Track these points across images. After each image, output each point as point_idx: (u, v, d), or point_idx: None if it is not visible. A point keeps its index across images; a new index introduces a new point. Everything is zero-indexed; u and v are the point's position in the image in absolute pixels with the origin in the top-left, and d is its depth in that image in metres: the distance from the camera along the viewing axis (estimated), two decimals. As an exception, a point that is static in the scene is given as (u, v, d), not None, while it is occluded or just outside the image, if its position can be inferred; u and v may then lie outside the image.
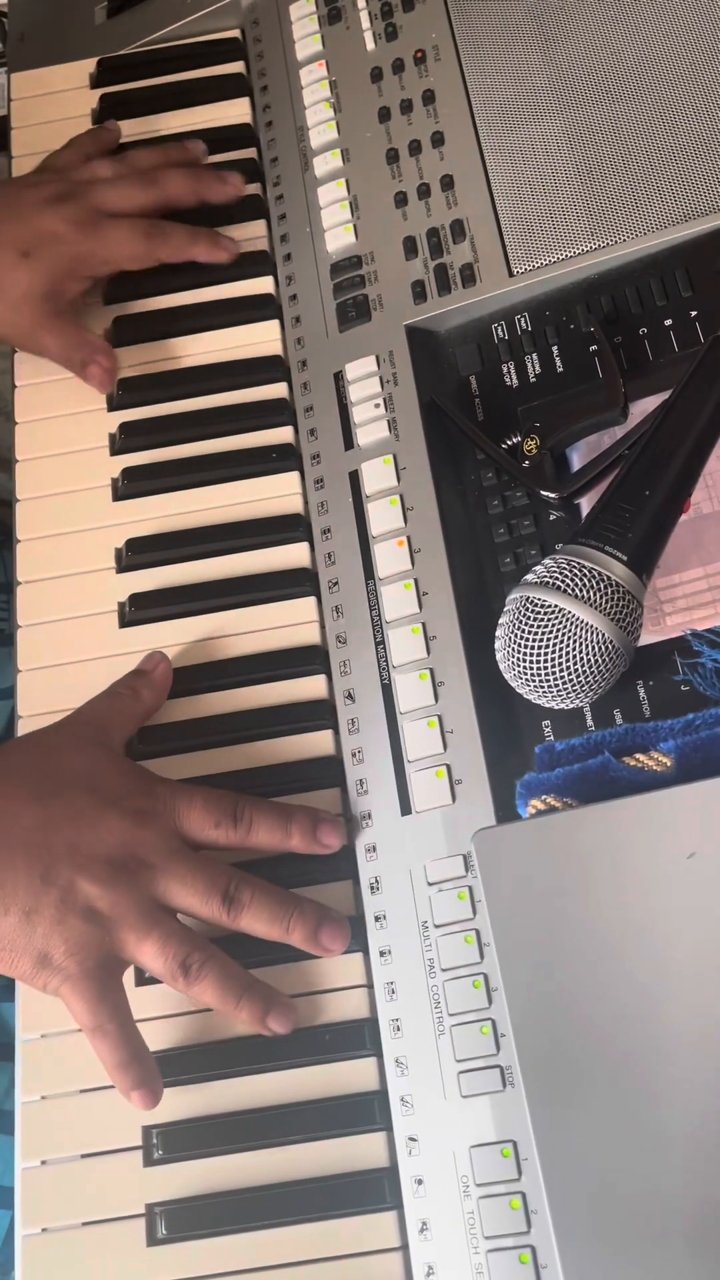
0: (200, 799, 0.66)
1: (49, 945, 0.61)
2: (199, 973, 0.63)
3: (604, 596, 0.62)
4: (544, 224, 0.78)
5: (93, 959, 0.62)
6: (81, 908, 0.62)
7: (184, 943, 0.63)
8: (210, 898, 0.64)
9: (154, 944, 0.62)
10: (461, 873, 0.65)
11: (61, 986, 0.62)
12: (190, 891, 0.64)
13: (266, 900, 0.64)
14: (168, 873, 0.63)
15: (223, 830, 0.65)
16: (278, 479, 0.79)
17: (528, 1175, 0.59)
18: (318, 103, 0.89)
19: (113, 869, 0.63)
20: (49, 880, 0.62)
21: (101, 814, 0.64)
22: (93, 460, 0.82)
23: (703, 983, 0.54)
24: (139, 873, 0.63)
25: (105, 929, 0.62)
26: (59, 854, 0.62)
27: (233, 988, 0.63)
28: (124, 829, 0.64)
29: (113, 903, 0.62)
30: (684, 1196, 0.52)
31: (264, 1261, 0.62)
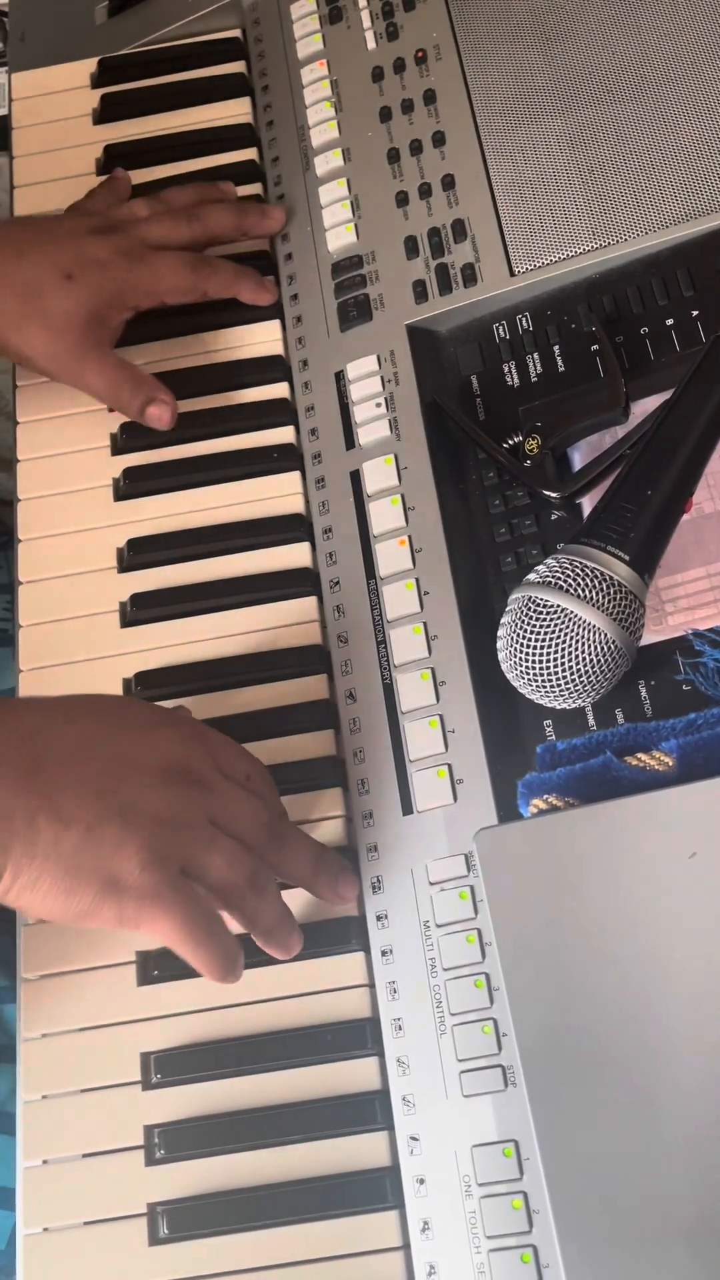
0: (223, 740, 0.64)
1: (117, 862, 0.56)
2: (263, 889, 0.61)
3: (606, 596, 0.62)
4: (545, 224, 0.78)
5: (170, 865, 0.57)
6: (148, 816, 0.57)
7: (249, 856, 0.60)
8: (255, 826, 0.61)
9: (222, 854, 0.59)
10: (463, 872, 0.65)
11: (140, 907, 0.57)
12: (238, 814, 0.61)
13: (300, 843, 0.65)
14: (217, 791, 0.61)
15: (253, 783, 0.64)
16: (279, 479, 0.79)
17: (529, 1175, 0.59)
18: (319, 102, 0.89)
19: (170, 780, 0.59)
20: (105, 793, 0.57)
21: (152, 730, 0.61)
22: (94, 460, 0.82)
23: (704, 982, 0.54)
24: (197, 787, 0.60)
25: (177, 834, 0.58)
26: (114, 765, 0.58)
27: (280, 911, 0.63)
28: (175, 745, 0.61)
29: (178, 809, 0.58)
30: (685, 1195, 0.52)
31: (266, 1261, 0.62)
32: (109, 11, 1.00)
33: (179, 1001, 0.67)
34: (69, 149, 0.94)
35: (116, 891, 0.56)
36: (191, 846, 0.58)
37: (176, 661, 0.75)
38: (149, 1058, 0.66)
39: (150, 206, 0.84)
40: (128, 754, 0.59)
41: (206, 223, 0.84)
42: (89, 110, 0.96)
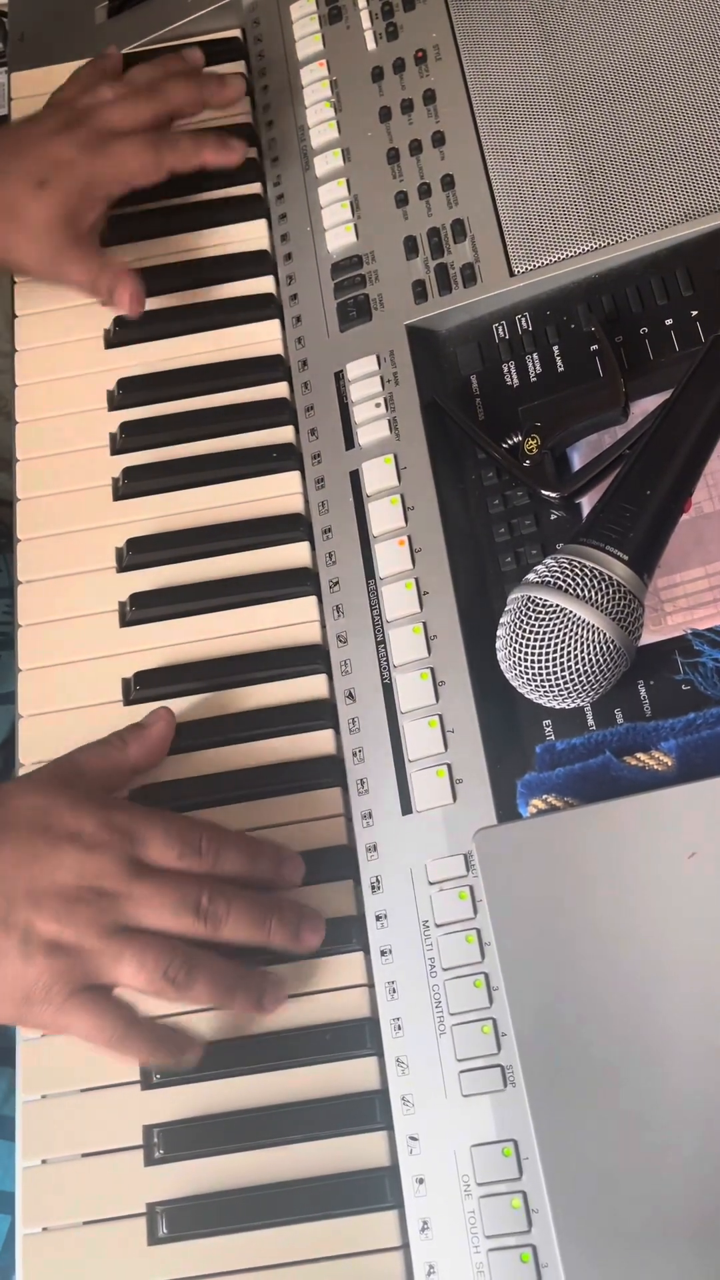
0: (161, 828, 0.64)
1: (24, 985, 0.61)
2: (187, 980, 0.62)
3: (605, 596, 0.62)
4: (545, 223, 0.78)
5: (74, 984, 0.61)
6: (45, 945, 0.61)
7: (161, 953, 0.61)
8: (181, 913, 0.62)
9: (129, 963, 0.61)
10: (462, 872, 0.65)
11: (56, 1017, 0.61)
12: (158, 911, 0.62)
13: (244, 908, 0.63)
14: (131, 897, 0.62)
15: (186, 862, 0.64)
16: (278, 478, 0.79)
17: (528, 1174, 0.59)
18: (318, 102, 0.89)
19: (70, 902, 0.62)
20: (8, 924, 0.61)
21: (55, 850, 0.62)
22: (93, 460, 0.82)
23: (703, 981, 0.54)
24: (99, 901, 0.62)
25: (74, 959, 0.61)
26: (15, 897, 0.61)
27: (224, 985, 0.63)
28: (79, 861, 0.62)
29: (76, 934, 0.61)
30: (685, 1195, 0.52)
31: (265, 1261, 0.62)
32: (109, 11, 1.00)
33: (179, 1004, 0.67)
34: (69, 149, 0.94)
35: (31, 1008, 0.61)
36: (91, 965, 0.61)
37: (175, 661, 0.75)
38: (148, 1057, 0.66)
39: (115, 89, 0.87)
40: (33, 884, 0.62)
41: (167, 97, 0.86)
42: (89, 110, 0.95)
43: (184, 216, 0.89)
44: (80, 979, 0.61)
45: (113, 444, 0.83)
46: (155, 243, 0.88)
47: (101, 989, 0.62)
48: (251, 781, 0.71)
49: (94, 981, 0.62)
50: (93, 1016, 0.61)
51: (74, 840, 0.63)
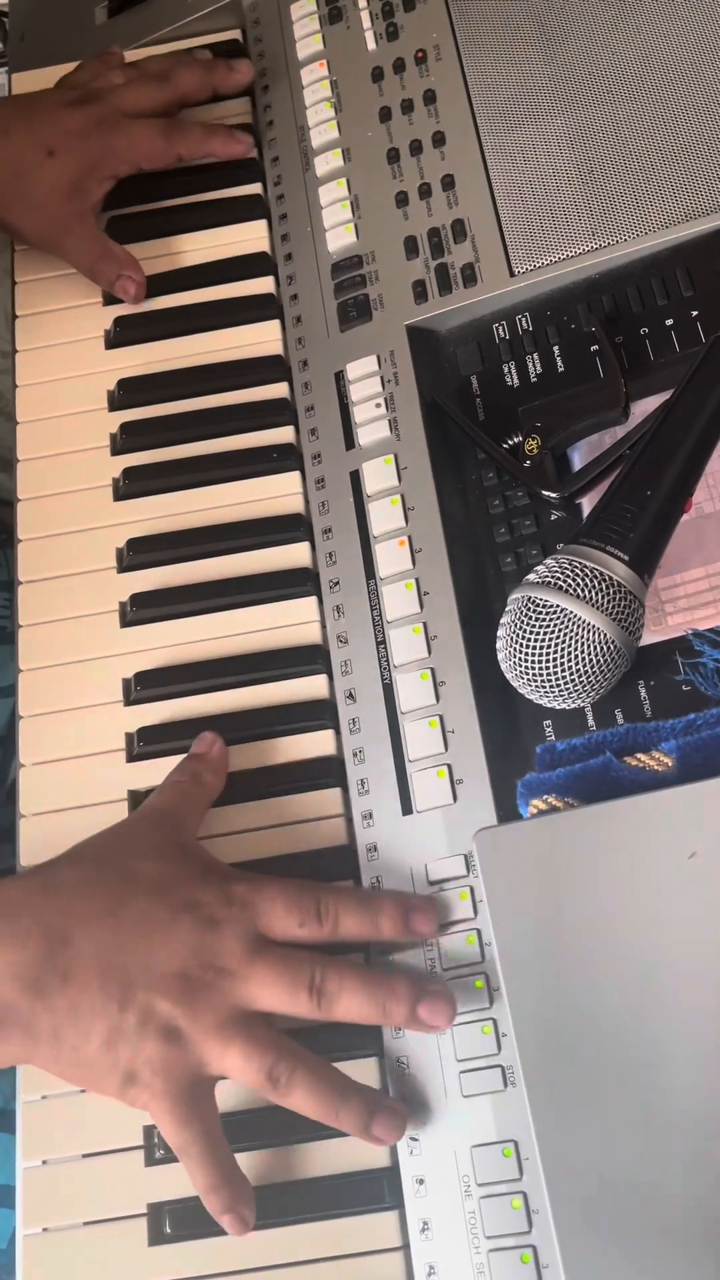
0: (281, 898, 0.62)
1: (133, 1066, 0.59)
2: (288, 1083, 0.60)
3: (605, 596, 0.62)
4: (545, 224, 0.78)
5: (177, 1078, 0.60)
6: (160, 1028, 0.59)
7: (268, 1052, 0.60)
8: (296, 994, 0.61)
9: (236, 1057, 0.60)
10: (462, 872, 0.65)
11: (150, 1104, 0.60)
12: (274, 993, 0.61)
13: (356, 985, 0.61)
14: (248, 978, 0.61)
15: (308, 929, 0.62)
16: (278, 479, 0.79)
17: (529, 1175, 0.59)
18: (318, 102, 0.89)
19: (189, 984, 0.60)
20: (125, 1004, 0.59)
21: (174, 924, 0.61)
22: (93, 460, 0.82)
23: (703, 982, 0.54)
24: (217, 983, 0.60)
25: (185, 1047, 0.60)
26: (134, 974, 0.60)
27: (328, 1096, 0.60)
28: (199, 938, 0.61)
29: (191, 1019, 0.60)
30: (685, 1196, 0.52)
31: (265, 1261, 0.62)
32: (109, 11, 1.00)
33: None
34: (69, 149, 0.94)
35: (132, 1087, 0.60)
36: (201, 1054, 0.60)
37: (176, 661, 0.75)
38: (149, 1058, 0.66)
39: (126, 74, 0.89)
40: (152, 959, 0.60)
41: (177, 84, 0.88)
42: (89, 110, 0.95)
43: (184, 217, 0.89)
44: (187, 1070, 0.60)
45: (113, 444, 0.83)
46: (155, 243, 0.88)
47: (203, 1089, 0.61)
48: (252, 782, 0.71)
49: (200, 1072, 0.60)
50: (180, 1120, 0.60)
51: (193, 913, 0.61)
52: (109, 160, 0.86)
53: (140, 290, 0.85)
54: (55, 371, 0.86)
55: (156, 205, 0.90)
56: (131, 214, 0.90)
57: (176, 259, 0.88)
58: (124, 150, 0.86)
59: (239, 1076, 0.60)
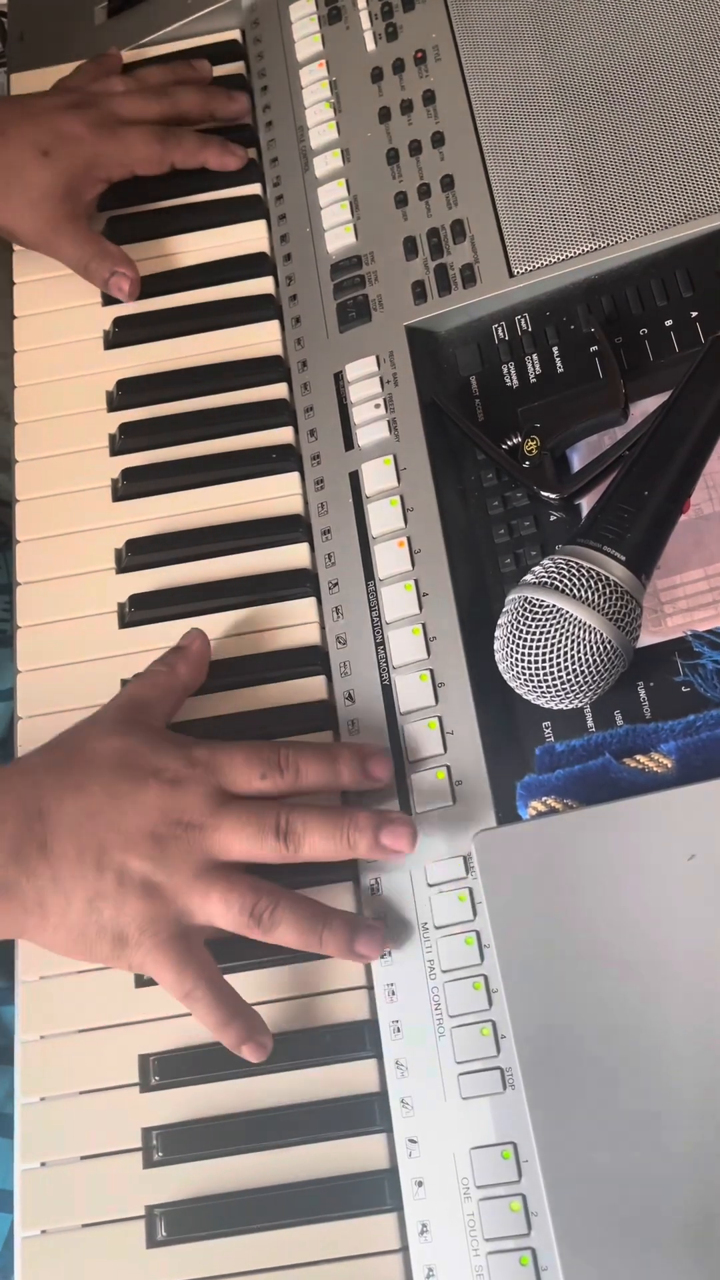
0: (240, 753, 0.66)
1: (119, 926, 0.62)
2: (271, 919, 0.63)
3: (602, 597, 0.62)
4: (544, 224, 0.78)
5: (165, 930, 0.62)
6: (138, 885, 0.63)
7: (247, 892, 0.63)
8: (264, 838, 0.63)
9: (216, 902, 0.63)
10: (462, 874, 0.65)
11: (145, 960, 0.63)
12: (242, 838, 0.64)
13: (319, 822, 0.64)
14: (216, 828, 0.64)
15: (269, 780, 0.65)
16: (278, 479, 0.79)
17: (528, 1177, 0.59)
18: (318, 103, 0.89)
19: (159, 840, 0.63)
20: (102, 866, 0.63)
21: (140, 789, 0.64)
22: (93, 461, 0.82)
23: (703, 984, 0.54)
24: (186, 837, 0.64)
25: (166, 900, 0.63)
26: (106, 838, 0.63)
27: (312, 924, 0.63)
28: (164, 798, 0.64)
29: (167, 873, 0.63)
30: (684, 1198, 0.52)
31: (264, 1263, 0.62)
32: (109, 12, 1.00)
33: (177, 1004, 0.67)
34: (68, 149, 0.94)
35: (124, 948, 0.63)
36: (182, 904, 0.63)
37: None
38: (147, 1060, 0.66)
39: (125, 83, 0.90)
40: (123, 824, 0.64)
41: (176, 100, 0.89)
42: (88, 110, 0.95)
43: (184, 217, 0.89)
44: (172, 921, 0.63)
45: (112, 445, 0.83)
46: (154, 243, 0.88)
47: (193, 938, 0.63)
48: (251, 783, 0.71)
49: (186, 922, 0.63)
50: (176, 967, 0.62)
51: (157, 777, 0.65)
52: (103, 164, 0.87)
53: (135, 287, 0.85)
54: (54, 372, 0.86)
55: (155, 205, 0.90)
56: (131, 214, 0.90)
57: (175, 259, 0.88)
58: (118, 155, 0.87)
59: (222, 922, 0.63)
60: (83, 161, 0.86)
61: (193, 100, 0.90)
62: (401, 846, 0.64)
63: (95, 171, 0.87)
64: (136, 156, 0.87)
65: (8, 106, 0.90)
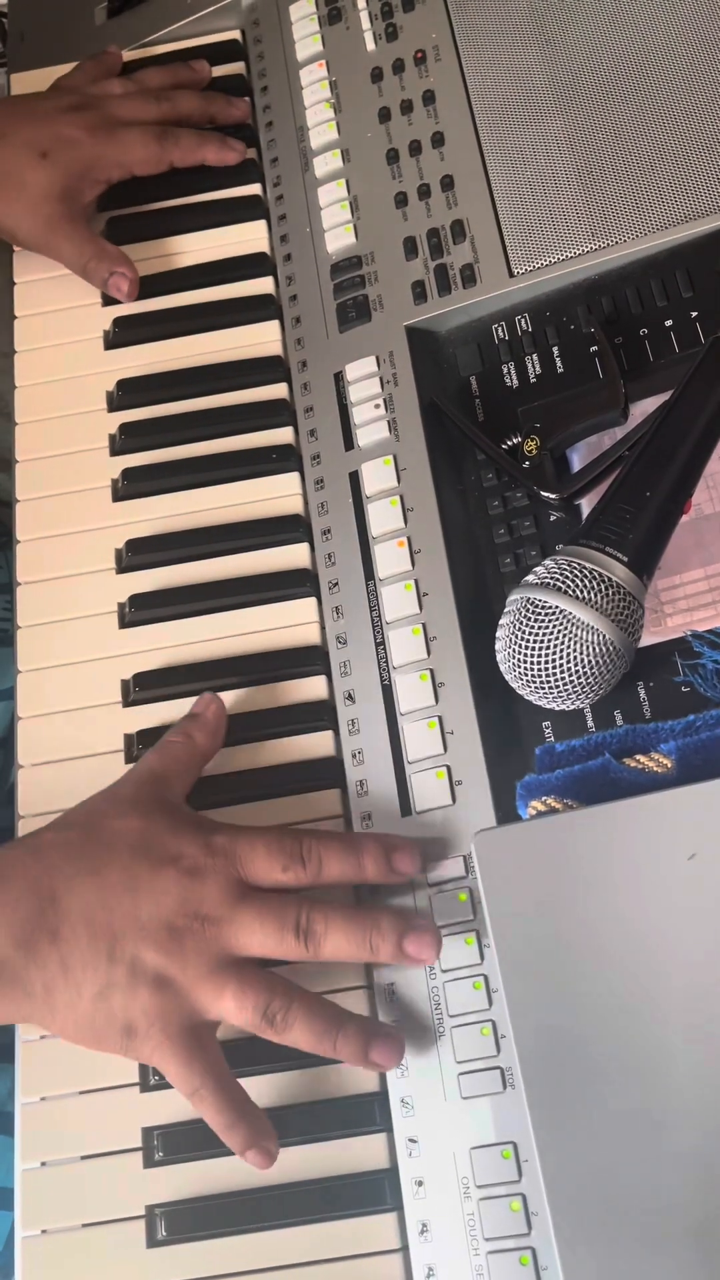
0: (262, 844, 0.63)
1: (129, 1017, 0.61)
2: (285, 1020, 0.61)
3: (604, 597, 0.62)
4: (544, 224, 0.78)
5: (175, 1024, 0.61)
6: (150, 978, 0.61)
7: (261, 991, 0.61)
8: (283, 936, 0.61)
9: (230, 999, 0.61)
10: (462, 874, 0.65)
11: (153, 1054, 0.61)
12: (260, 936, 0.62)
13: (341, 923, 0.62)
14: (234, 922, 0.62)
15: (291, 874, 0.63)
16: (278, 479, 0.79)
17: (528, 1177, 0.59)
18: (318, 103, 0.89)
19: (174, 933, 0.61)
20: (114, 957, 0.61)
21: (157, 877, 0.62)
22: (93, 461, 0.82)
23: (703, 984, 0.54)
24: (203, 930, 0.61)
25: (178, 995, 0.61)
26: (120, 927, 0.61)
27: (326, 1029, 0.61)
28: (182, 888, 0.62)
29: (181, 967, 0.61)
30: (684, 1197, 0.52)
31: (264, 1263, 0.62)
32: (109, 12, 1.00)
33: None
34: (68, 149, 0.94)
35: (132, 1040, 0.61)
36: (195, 1000, 0.61)
37: (175, 662, 0.75)
38: (147, 1059, 0.66)
39: (124, 85, 0.90)
40: (138, 912, 0.62)
41: (175, 104, 0.89)
42: (88, 111, 0.95)
43: (184, 217, 0.89)
44: (183, 1016, 0.61)
45: (112, 445, 0.83)
46: (155, 243, 0.88)
47: (204, 1034, 0.61)
48: (251, 783, 0.71)
49: (197, 1019, 0.61)
50: (184, 1064, 0.60)
51: (176, 865, 0.63)
52: (101, 165, 0.87)
53: (133, 287, 0.85)
54: (54, 372, 0.86)
55: (156, 206, 0.90)
56: (131, 214, 0.90)
57: (176, 259, 0.88)
58: (116, 156, 0.87)
59: (235, 1020, 0.61)
60: (81, 163, 0.86)
61: (192, 104, 0.90)
62: (425, 957, 0.62)
63: (94, 173, 0.87)
64: (135, 158, 0.87)
65: (6, 108, 0.90)
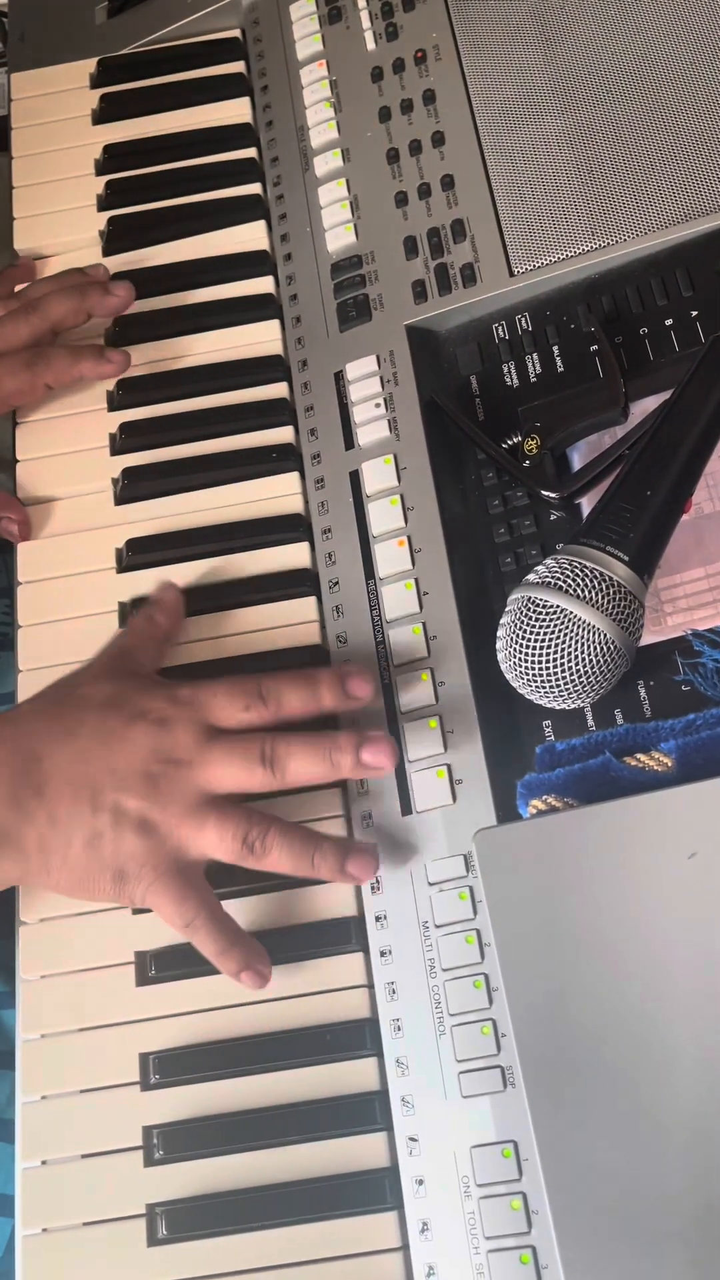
0: (223, 689, 0.67)
1: (119, 862, 0.64)
2: (264, 846, 0.64)
3: (605, 596, 0.62)
4: (544, 224, 0.78)
5: (164, 864, 0.64)
6: (134, 823, 0.64)
7: (240, 822, 0.64)
8: (251, 767, 0.65)
9: (211, 833, 0.64)
10: (462, 873, 0.65)
11: (146, 894, 0.64)
12: (231, 770, 0.65)
13: (303, 746, 0.65)
14: (205, 762, 0.65)
15: (254, 711, 0.67)
16: (278, 479, 0.79)
17: (528, 1175, 0.59)
18: (318, 102, 0.89)
19: (151, 778, 0.65)
20: (97, 806, 0.64)
21: (129, 730, 0.66)
22: (93, 460, 0.82)
23: (703, 983, 0.54)
24: (177, 773, 0.65)
25: (162, 835, 0.64)
26: (100, 778, 0.65)
27: (303, 849, 0.65)
28: (153, 737, 0.66)
29: (161, 809, 0.64)
30: (685, 1196, 0.52)
31: (264, 1262, 0.62)
32: (109, 11, 1.00)
33: (178, 1002, 0.67)
34: (68, 149, 0.94)
35: (124, 884, 0.65)
36: (178, 838, 0.65)
37: (176, 662, 0.75)
38: (148, 1058, 0.66)
39: (6, 306, 0.85)
40: (114, 763, 0.65)
41: (46, 313, 0.84)
42: (88, 110, 0.96)
43: (184, 217, 0.89)
44: (169, 855, 0.64)
45: (112, 445, 0.83)
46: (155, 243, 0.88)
47: (191, 870, 0.65)
48: (251, 781, 0.71)
49: (182, 856, 0.65)
50: (176, 899, 0.64)
51: (145, 717, 0.66)
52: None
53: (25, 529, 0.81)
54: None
55: (156, 205, 0.90)
56: (131, 214, 0.90)
57: (176, 259, 0.88)
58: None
59: (217, 852, 0.65)
60: None
61: (65, 307, 0.84)
62: (382, 762, 0.65)
63: None
64: (8, 390, 0.83)
65: None
